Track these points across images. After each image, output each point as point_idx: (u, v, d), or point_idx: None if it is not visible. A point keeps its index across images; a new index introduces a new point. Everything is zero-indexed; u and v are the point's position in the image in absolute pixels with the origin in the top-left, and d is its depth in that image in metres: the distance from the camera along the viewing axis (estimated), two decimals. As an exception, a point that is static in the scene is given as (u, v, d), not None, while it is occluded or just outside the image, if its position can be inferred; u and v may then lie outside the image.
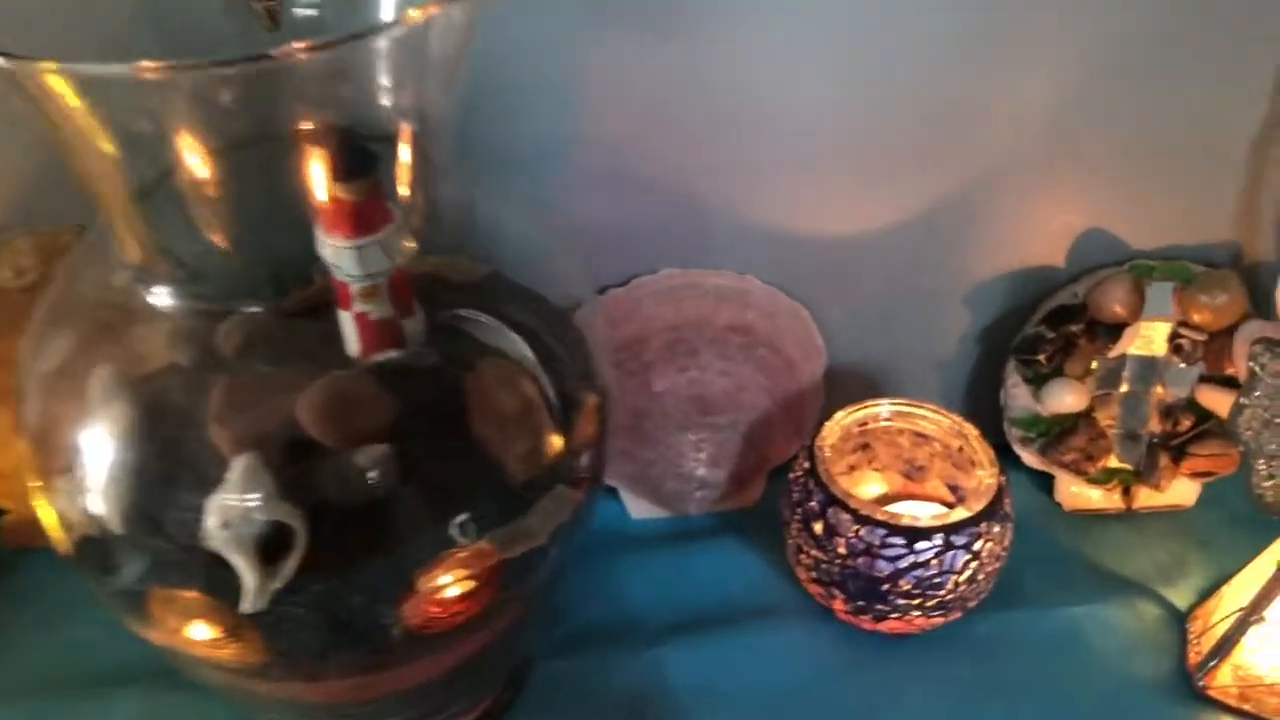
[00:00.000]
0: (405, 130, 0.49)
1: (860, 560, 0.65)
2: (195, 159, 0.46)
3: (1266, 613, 0.64)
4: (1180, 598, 0.74)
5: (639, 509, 0.79)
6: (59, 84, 0.39)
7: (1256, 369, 0.61)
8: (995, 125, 0.71)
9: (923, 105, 0.69)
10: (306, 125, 0.48)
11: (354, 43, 0.41)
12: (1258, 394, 0.62)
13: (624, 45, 0.66)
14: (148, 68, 0.36)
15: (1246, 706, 0.66)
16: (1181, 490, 0.80)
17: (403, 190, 0.50)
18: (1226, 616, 0.67)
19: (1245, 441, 0.63)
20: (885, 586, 0.65)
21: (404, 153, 0.49)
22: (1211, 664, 0.66)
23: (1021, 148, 0.72)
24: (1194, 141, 0.73)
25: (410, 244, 0.49)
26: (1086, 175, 0.74)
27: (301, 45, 0.38)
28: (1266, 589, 0.64)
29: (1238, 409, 0.63)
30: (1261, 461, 0.63)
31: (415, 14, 0.41)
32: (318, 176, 0.47)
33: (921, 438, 0.74)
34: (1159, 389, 0.77)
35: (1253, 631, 0.64)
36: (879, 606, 0.66)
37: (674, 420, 0.77)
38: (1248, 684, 0.66)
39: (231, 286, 0.49)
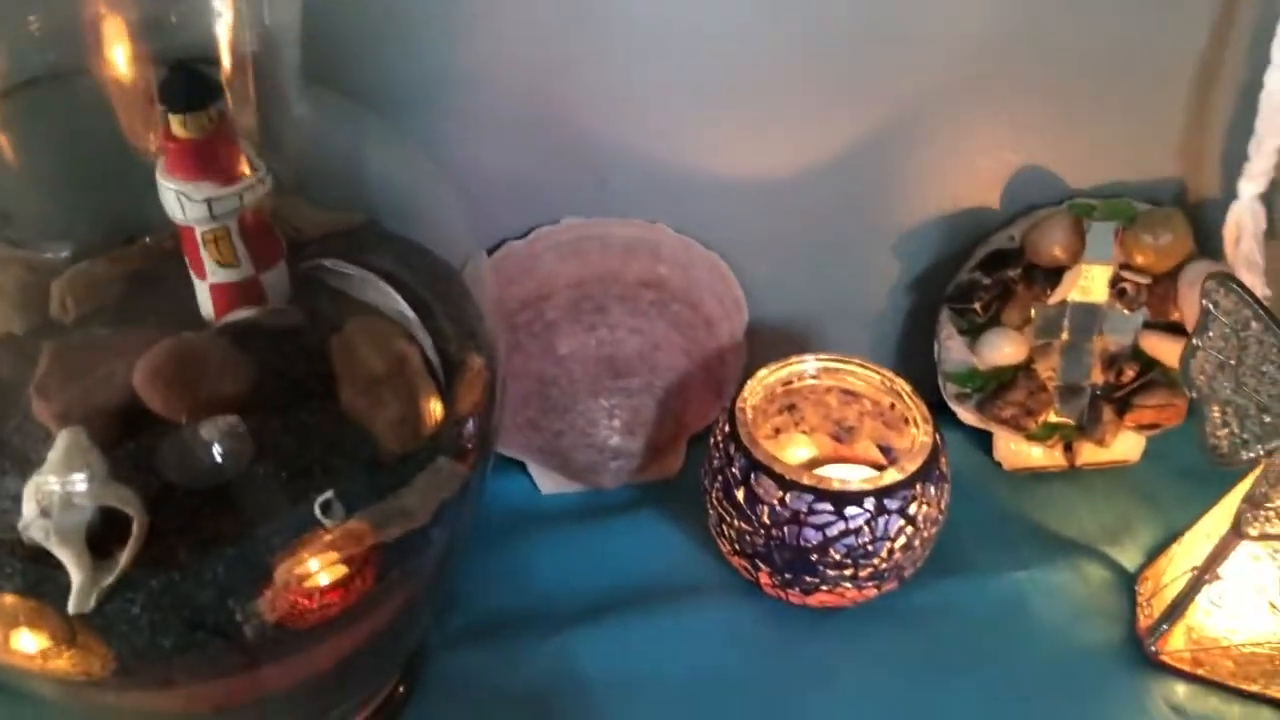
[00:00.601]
0: (247, 53, 0.45)
1: (786, 529, 0.63)
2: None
3: (1221, 570, 0.62)
4: (1128, 558, 0.73)
5: (549, 484, 0.77)
6: None
7: (1210, 307, 0.59)
8: (921, 53, 0.69)
9: (840, 30, 0.67)
10: (137, 52, 0.44)
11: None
12: (1211, 335, 0.59)
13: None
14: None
15: (1201, 671, 0.65)
16: (1126, 445, 0.79)
17: (248, 121, 0.45)
18: (1178, 577, 0.66)
19: (1198, 387, 0.61)
20: (814, 557, 0.63)
21: (248, 80, 0.45)
22: (1163, 628, 0.65)
23: (950, 79, 0.70)
24: (1135, 71, 0.71)
25: (262, 185, 0.45)
26: (1021, 109, 0.72)
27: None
28: (1220, 546, 0.62)
29: (1190, 352, 0.60)
30: (1215, 408, 0.60)
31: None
32: (152, 110, 0.44)
33: (850, 396, 0.71)
34: (1101, 338, 0.76)
35: (1206, 591, 0.63)
36: (808, 579, 0.64)
37: (583, 385, 0.74)
38: (1202, 647, 0.65)
39: (53, 226, 0.47)
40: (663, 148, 0.71)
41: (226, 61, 0.46)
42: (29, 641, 0.44)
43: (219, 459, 0.43)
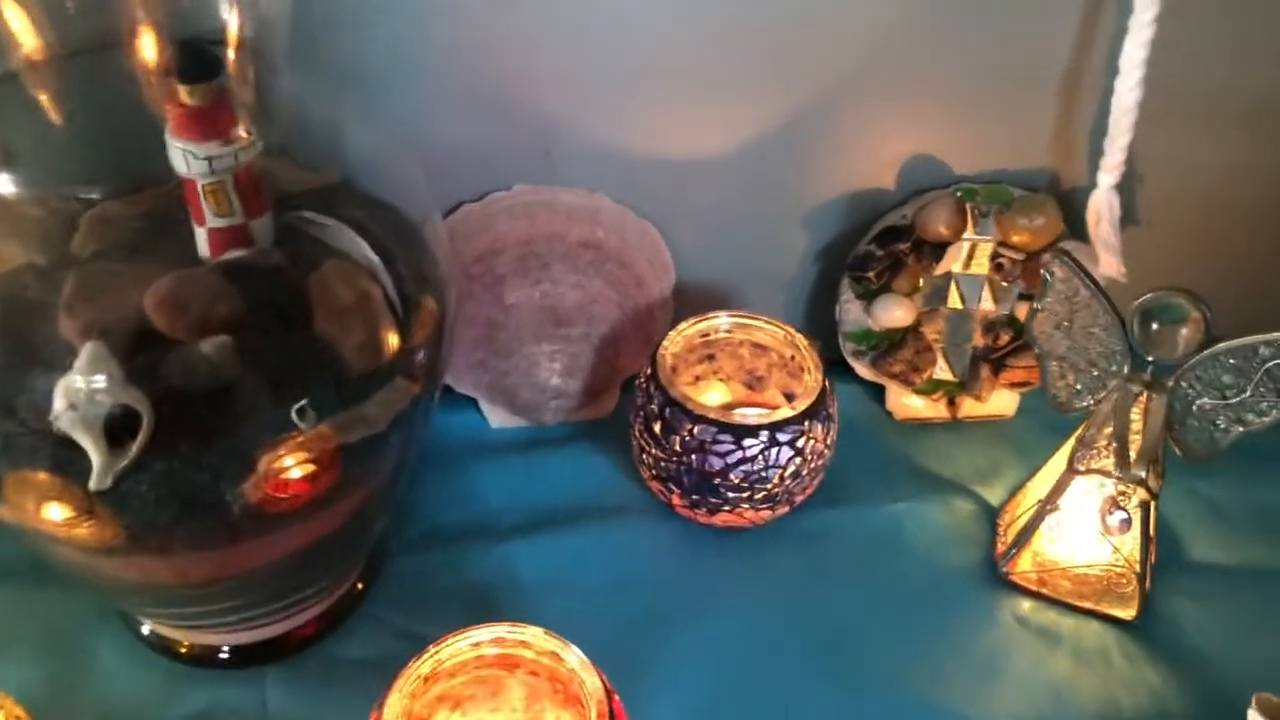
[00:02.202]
0: (244, 33, 0.51)
1: (694, 457, 0.69)
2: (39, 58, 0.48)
3: (1060, 501, 0.69)
4: (994, 496, 0.80)
5: (497, 418, 0.83)
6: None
7: (1048, 276, 0.67)
8: (827, 54, 0.74)
9: (758, 31, 0.72)
10: (151, 30, 0.51)
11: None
12: (1049, 299, 0.67)
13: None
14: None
15: (1044, 590, 0.72)
16: (1002, 401, 0.85)
17: (245, 93, 0.52)
18: (1029, 509, 0.72)
19: (1040, 344, 0.69)
20: (717, 480, 0.70)
21: (244, 56, 0.52)
22: (1013, 552, 0.72)
23: (855, 75, 0.75)
24: (1013, 73, 0.77)
25: (254, 146, 0.51)
26: (914, 104, 0.78)
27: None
28: (1060, 481, 0.69)
29: (1032, 314, 0.68)
30: (1053, 363, 0.68)
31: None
32: (166, 82, 0.50)
33: (760, 348, 0.78)
34: (981, 305, 0.81)
35: (1049, 520, 0.70)
36: (712, 500, 0.71)
37: (528, 332, 0.80)
38: (1044, 569, 0.72)
39: (79, 175, 0.51)
40: (603, 126, 0.76)
41: (229, 41, 0.53)
42: (56, 512, 0.51)
43: (213, 370, 0.50)
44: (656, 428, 0.71)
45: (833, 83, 0.76)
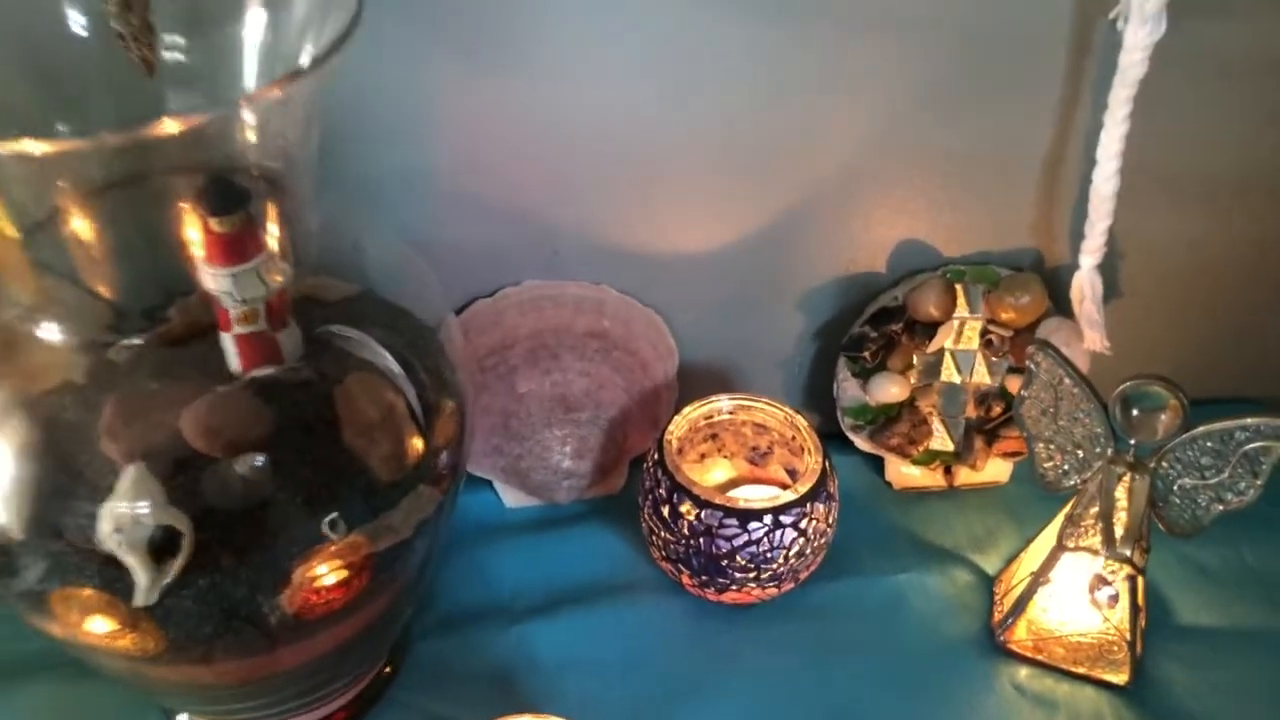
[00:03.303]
0: (271, 169, 0.53)
1: (702, 540, 0.71)
2: (75, 205, 0.50)
3: (1051, 575, 0.71)
4: (990, 564, 0.81)
5: (512, 498, 0.85)
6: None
7: (1033, 367, 0.69)
8: (819, 150, 0.77)
9: (748, 130, 0.75)
10: (183, 169, 0.53)
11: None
12: (1034, 388, 0.69)
13: (471, 83, 0.70)
14: (40, 147, 0.40)
15: (1040, 656, 0.74)
16: (996, 468, 0.87)
17: (272, 222, 0.54)
18: (1023, 579, 0.74)
19: (1027, 428, 0.71)
20: (724, 562, 0.71)
21: (271, 189, 0.54)
22: (1010, 621, 0.74)
23: (845, 169, 0.78)
24: (996, 162, 0.79)
25: (282, 270, 0.53)
26: (903, 192, 0.80)
27: (176, 120, 0.42)
28: (1050, 555, 0.71)
29: (1019, 400, 0.71)
30: (1040, 445, 0.71)
31: (276, 91, 0.46)
32: (195, 213, 0.52)
33: (761, 428, 0.80)
34: (974, 379, 0.84)
35: (1041, 591, 0.72)
36: (720, 580, 0.73)
37: (539, 418, 0.82)
38: (1040, 637, 0.73)
39: (115, 320, 0.53)
40: (605, 224, 0.79)
41: (256, 171, 0.55)
42: (101, 625, 0.53)
43: (248, 487, 0.51)
44: (664, 511, 0.73)
45: (823, 177, 0.78)
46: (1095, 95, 0.74)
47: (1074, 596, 0.71)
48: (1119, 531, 0.67)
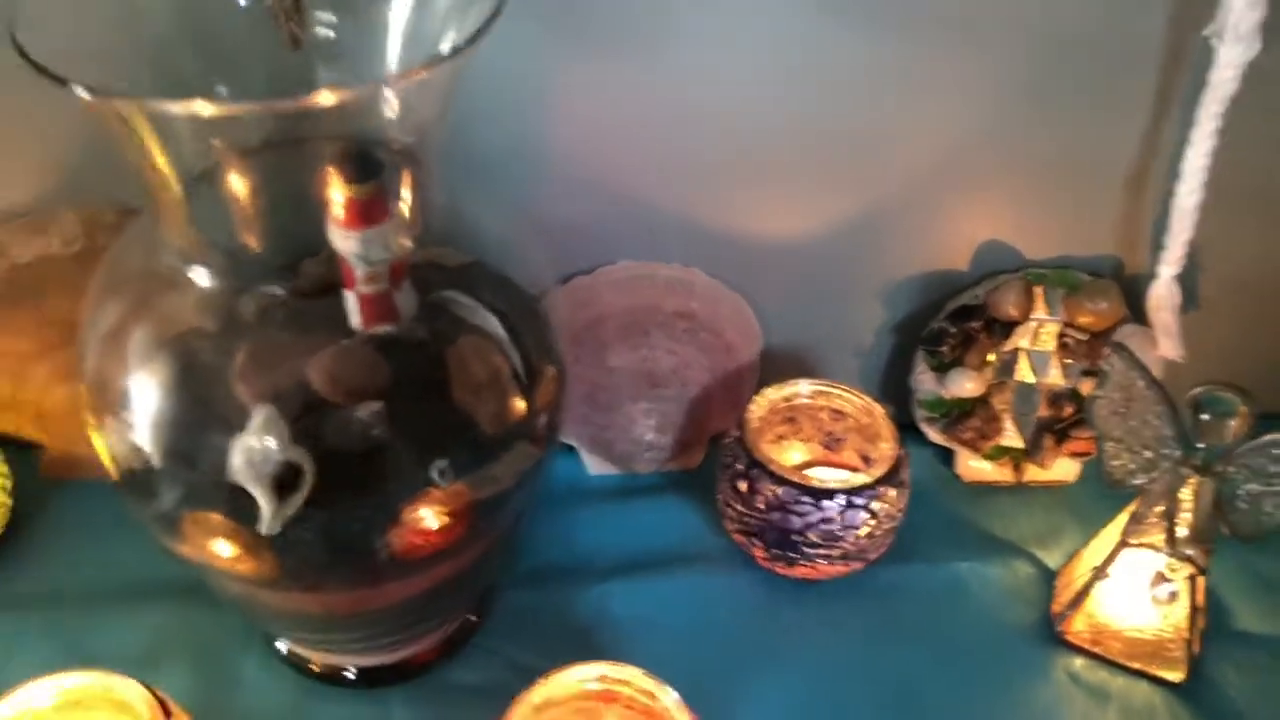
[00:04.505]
0: (405, 143, 0.57)
1: (776, 515, 0.73)
2: (231, 164, 0.54)
3: (1110, 570, 0.73)
4: (1052, 559, 0.82)
5: (596, 466, 0.88)
6: (131, 113, 0.47)
7: (1107, 368, 0.70)
8: (910, 148, 0.79)
9: (847, 129, 0.77)
10: (326, 137, 0.56)
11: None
12: (1108, 388, 0.71)
13: (588, 70, 0.74)
14: (211, 107, 0.44)
15: (1097, 649, 0.75)
16: (1064, 467, 0.88)
17: (402, 191, 0.57)
18: (1084, 574, 0.75)
19: (1098, 427, 0.72)
20: (796, 537, 0.74)
21: (404, 161, 0.57)
22: (1069, 612, 0.75)
23: (932, 168, 0.79)
24: (1082, 169, 0.80)
25: (406, 236, 0.56)
26: (988, 193, 0.82)
27: (332, 93, 0.46)
28: (1113, 551, 0.73)
29: (1091, 399, 0.72)
30: (1109, 444, 0.72)
31: (421, 74, 0.49)
32: (334, 179, 0.55)
33: (838, 414, 0.82)
34: (1048, 380, 0.85)
35: (1100, 585, 0.73)
36: (791, 555, 0.75)
37: (626, 392, 0.85)
38: (1098, 630, 0.74)
39: (257, 269, 0.57)
40: (700, 209, 0.81)
41: (393, 145, 0.57)
42: (226, 548, 0.57)
43: (366, 432, 0.55)
44: (742, 486, 0.75)
45: (913, 175, 0.80)
46: (1184, 109, 0.75)
47: (1134, 592, 0.72)
48: (1183, 531, 0.68)
